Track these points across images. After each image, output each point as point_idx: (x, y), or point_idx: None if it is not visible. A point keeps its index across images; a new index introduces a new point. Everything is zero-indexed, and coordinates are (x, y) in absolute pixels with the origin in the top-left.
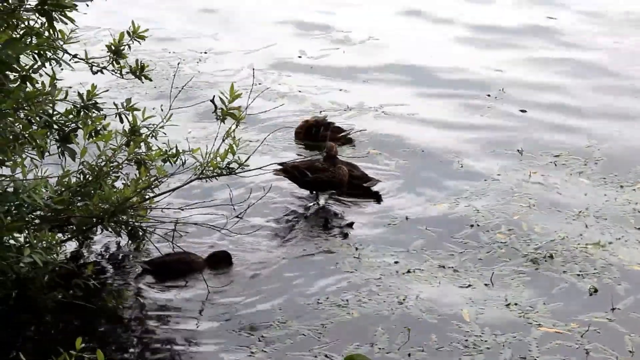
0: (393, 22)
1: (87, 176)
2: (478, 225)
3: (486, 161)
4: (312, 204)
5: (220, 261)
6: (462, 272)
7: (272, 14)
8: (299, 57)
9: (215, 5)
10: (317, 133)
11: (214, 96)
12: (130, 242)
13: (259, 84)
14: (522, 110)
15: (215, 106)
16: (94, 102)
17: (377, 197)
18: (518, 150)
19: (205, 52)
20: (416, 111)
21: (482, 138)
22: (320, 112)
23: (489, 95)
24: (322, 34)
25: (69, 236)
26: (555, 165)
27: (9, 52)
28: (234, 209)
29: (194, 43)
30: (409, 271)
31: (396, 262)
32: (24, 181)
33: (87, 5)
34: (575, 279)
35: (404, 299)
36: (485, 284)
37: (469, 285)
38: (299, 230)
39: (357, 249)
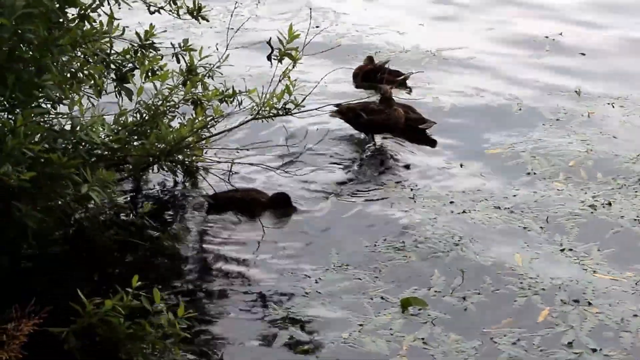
0: None
1: (144, 115)
2: (535, 173)
3: (544, 103)
4: (367, 145)
5: (281, 203)
6: (517, 214)
7: None
8: None
9: None
10: (374, 76)
11: (269, 38)
12: (185, 180)
13: (316, 27)
14: (581, 54)
15: (272, 48)
16: (151, 42)
17: (432, 140)
18: (576, 92)
19: None
20: (473, 55)
21: (540, 80)
22: (376, 53)
23: (546, 37)
24: None
25: (126, 175)
26: (613, 107)
27: None
28: (289, 150)
29: None
30: (464, 211)
31: (451, 202)
32: (82, 119)
33: None
34: (632, 225)
35: (458, 241)
36: (541, 227)
37: (524, 228)
38: (353, 172)
39: (412, 189)
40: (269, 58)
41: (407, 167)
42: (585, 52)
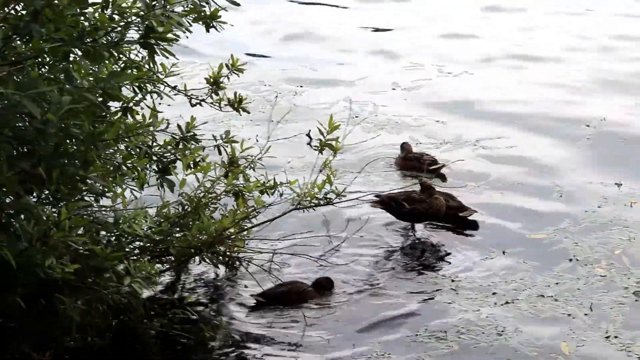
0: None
1: (186, 207)
2: (577, 260)
3: (585, 191)
4: (409, 235)
5: (324, 287)
6: (562, 302)
7: (360, 44)
8: (393, 88)
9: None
10: (415, 165)
11: (309, 130)
12: (227, 271)
13: (356, 116)
14: (621, 140)
15: (311, 139)
16: (192, 134)
17: (474, 227)
18: (616, 184)
19: (301, 86)
20: (514, 144)
21: (580, 168)
22: (417, 144)
23: (587, 126)
24: (413, 66)
25: (167, 266)
26: None
27: (114, 83)
28: (330, 240)
29: (290, 74)
30: (507, 302)
31: (494, 294)
32: (124, 212)
33: (187, 37)
34: None
35: (502, 330)
36: (585, 314)
37: (569, 315)
38: (395, 261)
39: (453, 280)
40: (311, 146)
41: (448, 255)
42: (627, 139)
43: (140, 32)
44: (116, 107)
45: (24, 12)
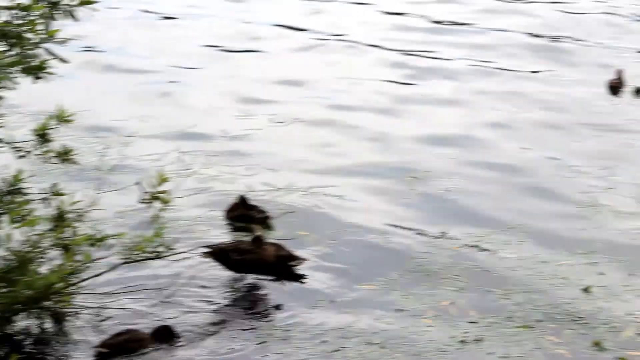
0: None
1: (12, 262)
2: (404, 310)
3: (412, 240)
4: (240, 285)
5: (164, 335)
6: (389, 349)
7: (193, 95)
8: (223, 136)
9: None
10: (245, 214)
11: (139, 181)
12: (55, 326)
13: (188, 169)
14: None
15: (142, 190)
16: (18, 187)
17: (304, 277)
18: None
19: (131, 136)
20: (343, 193)
21: (408, 216)
22: (250, 192)
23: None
24: (244, 115)
25: None
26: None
27: None
28: (160, 292)
29: (120, 126)
30: (335, 350)
31: (324, 342)
32: None
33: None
34: None
35: None
36: None
37: None
38: (225, 313)
39: (285, 330)
40: (140, 200)
41: (278, 307)
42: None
43: None
44: None
45: None
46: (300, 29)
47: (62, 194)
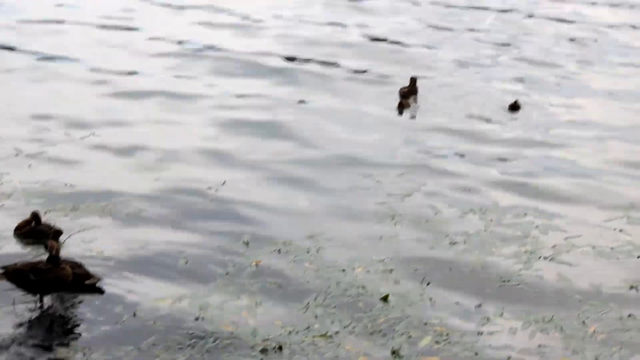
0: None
1: None
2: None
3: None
4: (39, 306)
5: None
6: None
7: None
8: (16, 155)
9: None
10: (38, 232)
11: None
12: None
13: None
14: None
15: None
16: None
17: (100, 293)
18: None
19: None
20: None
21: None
22: (47, 212)
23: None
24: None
25: None
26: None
27: None
28: None
29: None
30: None
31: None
32: None
33: None
34: None
35: None
36: None
37: None
38: (22, 336)
39: (84, 354)
40: None
41: (77, 325)
42: None
43: None
44: None
45: None
46: None
47: None
